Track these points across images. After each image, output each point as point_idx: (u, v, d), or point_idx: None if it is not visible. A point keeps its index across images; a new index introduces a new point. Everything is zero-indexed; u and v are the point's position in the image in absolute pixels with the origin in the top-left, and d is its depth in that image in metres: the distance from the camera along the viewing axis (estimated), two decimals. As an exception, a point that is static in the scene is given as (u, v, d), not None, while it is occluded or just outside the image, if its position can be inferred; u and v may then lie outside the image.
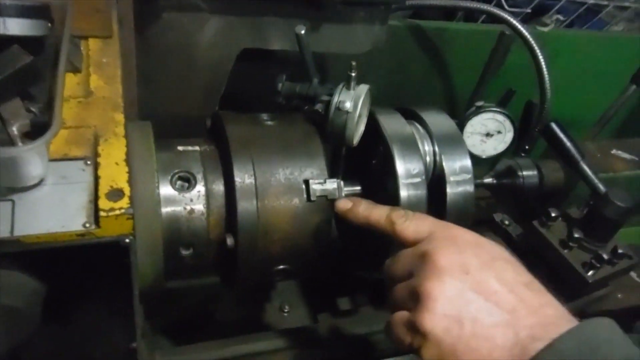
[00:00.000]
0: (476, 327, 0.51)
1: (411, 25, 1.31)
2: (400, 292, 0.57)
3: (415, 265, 0.56)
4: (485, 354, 0.50)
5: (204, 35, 0.91)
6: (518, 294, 0.52)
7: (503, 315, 0.51)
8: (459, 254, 0.55)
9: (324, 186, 0.73)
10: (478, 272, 0.54)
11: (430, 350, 0.52)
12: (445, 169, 0.80)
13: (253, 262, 0.72)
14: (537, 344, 0.48)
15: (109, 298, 0.61)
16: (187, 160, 0.73)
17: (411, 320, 0.53)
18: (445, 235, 0.58)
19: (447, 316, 0.52)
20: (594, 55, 1.51)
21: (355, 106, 0.73)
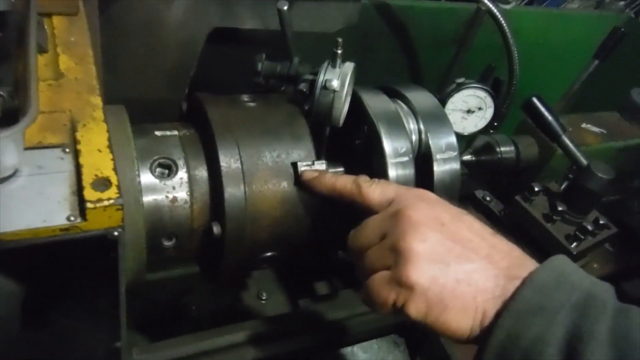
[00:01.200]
0: (459, 273, 0.53)
1: (379, 3, 1.29)
2: (376, 254, 0.57)
3: (388, 226, 0.57)
4: (470, 298, 0.52)
5: (171, 13, 0.86)
6: (489, 241, 0.55)
7: (481, 261, 0.53)
8: (430, 208, 0.57)
9: (313, 168, 0.70)
10: (451, 223, 0.56)
11: (416, 302, 0.52)
12: (431, 147, 0.78)
13: (240, 250, 0.69)
14: (515, 282, 0.51)
15: (92, 296, 0.56)
16: (166, 145, 0.68)
17: (395, 277, 0.53)
18: (411, 194, 0.60)
19: (431, 265, 0.53)
20: (554, 33, 1.54)
21: (342, 85, 0.71)
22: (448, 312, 0.52)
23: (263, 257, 0.73)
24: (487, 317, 0.52)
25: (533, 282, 0.50)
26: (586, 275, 0.52)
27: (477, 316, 0.52)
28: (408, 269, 0.52)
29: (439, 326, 0.53)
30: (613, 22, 1.64)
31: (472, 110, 0.92)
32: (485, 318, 0.52)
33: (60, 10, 0.62)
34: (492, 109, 0.92)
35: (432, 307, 0.52)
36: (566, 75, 1.38)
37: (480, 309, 0.52)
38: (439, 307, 0.52)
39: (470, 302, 0.52)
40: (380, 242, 0.57)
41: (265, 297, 1.07)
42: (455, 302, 0.52)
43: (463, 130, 0.93)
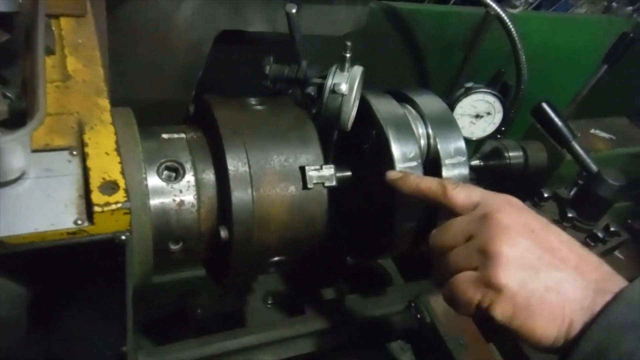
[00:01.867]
0: (548, 281, 0.52)
1: (385, 7, 1.29)
2: (462, 255, 0.57)
3: (476, 228, 0.57)
4: (558, 307, 0.52)
5: (180, 15, 0.86)
6: (578, 252, 0.55)
7: (570, 271, 0.53)
8: (520, 214, 0.57)
9: (321, 172, 0.70)
10: (541, 231, 0.55)
11: (503, 305, 0.53)
12: (440, 151, 0.78)
13: (248, 254, 0.68)
14: (604, 296, 0.50)
15: (99, 299, 0.56)
16: (173, 148, 0.68)
17: (483, 277, 0.53)
18: (499, 199, 0.60)
19: (521, 270, 0.53)
20: (562, 37, 1.53)
21: (351, 88, 0.70)
22: (535, 318, 0.52)
23: (271, 262, 0.72)
24: (574, 327, 0.51)
25: (626, 298, 0.50)
26: None
27: (564, 326, 0.52)
28: (498, 271, 0.53)
29: (524, 332, 0.53)
30: (621, 27, 1.63)
31: (481, 115, 0.92)
32: (571, 328, 0.52)
33: (68, 12, 0.62)
34: (501, 114, 0.92)
35: (519, 311, 0.52)
36: (574, 80, 1.37)
37: (568, 319, 0.52)
38: (526, 313, 0.52)
39: (558, 310, 0.52)
40: (466, 243, 0.57)
41: (272, 301, 1.07)
42: (542, 309, 0.52)
43: (471, 135, 0.92)
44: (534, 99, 1.40)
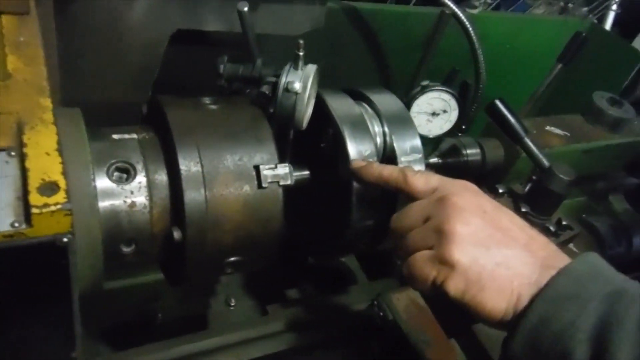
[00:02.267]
0: (498, 257, 0.56)
1: (346, 7, 1.30)
2: (419, 235, 0.60)
3: (433, 210, 0.60)
4: (507, 281, 0.55)
5: (133, 15, 0.84)
6: (527, 232, 0.59)
7: (519, 248, 0.57)
8: (474, 197, 0.61)
9: (276, 171, 0.69)
10: (493, 212, 0.60)
11: (456, 280, 0.56)
12: (396, 149, 0.78)
13: (202, 255, 0.67)
14: (550, 270, 0.54)
15: (45, 305, 0.54)
16: (124, 149, 0.66)
17: (437, 255, 0.57)
18: (456, 184, 0.64)
19: (473, 247, 0.56)
20: (520, 37, 1.56)
21: (304, 87, 0.70)
22: (485, 292, 0.55)
23: (228, 262, 0.71)
24: (522, 301, 0.55)
25: (569, 272, 0.54)
26: (617, 273, 0.55)
27: (512, 299, 0.55)
28: (451, 248, 0.56)
29: (475, 305, 0.56)
30: (577, 27, 1.68)
31: (437, 113, 0.93)
32: (520, 301, 0.55)
33: (9, 10, 0.60)
34: (457, 112, 0.93)
35: (471, 286, 0.56)
36: (533, 78, 1.40)
37: (516, 292, 0.55)
38: (477, 287, 0.55)
39: (507, 284, 0.55)
40: (424, 224, 0.60)
41: (234, 303, 1.06)
42: (492, 283, 0.55)
43: (429, 132, 0.93)
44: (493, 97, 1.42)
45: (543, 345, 0.52)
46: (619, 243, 1.07)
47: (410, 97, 0.91)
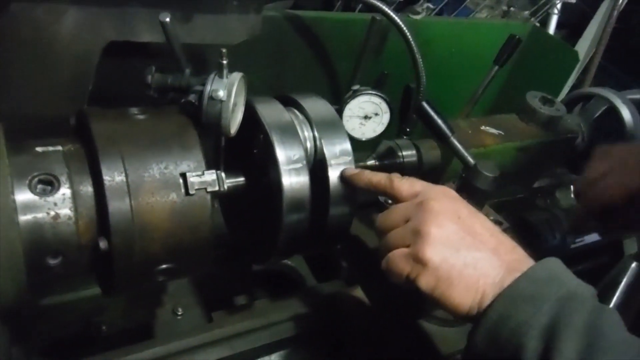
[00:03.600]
0: (467, 258, 0.63)
1: (289, 16, 1.32)
2: (399, 234, 0.68)
3: (413, 213, 0.68)
4: (473, 280, 0.62)
5: (62, 27, 0.84)
6: (497, 237, 0.66)
7: (487, 252, 0.64)
8: (451, 203, 0.68)
9: (203, 178, 0.70)
10: (467, 218, 0.67)
11: (427, 276, 0.63)
12: (325, 153, 0.80)
13: (131, 264, 0.68)
14: (514, 273, 0.61)
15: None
16: (48, 161, 0.66)
17: (412, 253, 0.65)
18: (436, 189, 0.71)
19: (444, 248, 0.63)
20: (462, 40, 1.61)
21: (228, 94, 0.71)
22: (453, 288, 0.62)
23: (158, 270, 0.72)
24: (486, 299, 0.61)
25: (528, 276, 0.61)
26: (574, 277, 0.63)
27: (477, 296, 0.62)
28: (424, 248, 0.63)
29: (443, 300, 0.63)
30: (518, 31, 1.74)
31: (369, 116, 0.95)
32: (483, 299, 0.62)
33: None
34: (389, 114, 0.95)
35: (440, 282, 0.63)
36: (475, 81, 1.44)
37: (481, 291, 0.62)
38: (446, 283, 0.63)
39: (473, 283, 0.62)
40: (404, 225, 0.68)
41: (181, 312, 1.06)
42: (460, 281, 0.62)
43: (362, 135, 0.95)
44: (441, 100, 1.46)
45: (500, 339, 0.59)
46: (554, 237, 1.11)
47: (343, 102, 0.93)
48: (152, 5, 0.86)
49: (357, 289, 1.06)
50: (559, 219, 1.13)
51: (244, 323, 0.99)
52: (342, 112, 0.93)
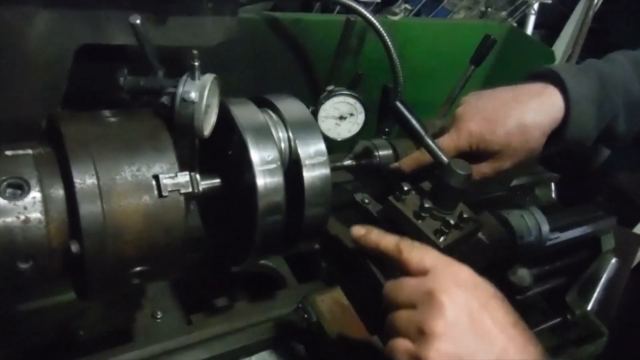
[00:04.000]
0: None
1: (268, 18, 1.32)
2: (404, 322, 0.64)
3: (420, 300, 0.63)
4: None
5: (33, 30, 0.83)
6: (508, 333, 0.62)
7: (495, 354, 0.60)
8: (463, 295, 0.63)
9: (176, 180, 0.70)
10: (478, 313, 0.62)
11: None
12: (300, 153, 0.81)
13: (104, 267, 0.67)
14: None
15: None
16: (17, 165, 0.66)
17: (416, 354, 0.61)
18: (447, 277, 0.65)
19: (449, 354, 0.59)
20: (440, 41, 1.63)
21: (201, 96, 0.72)
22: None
23: (133, 272, 0.72)
24: None
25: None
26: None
27: None
28: (428, 353, 0.60)
29: None
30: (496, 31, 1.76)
31: (345, 117, 0.96)
32: None
33: None
34: (364, 115, 0.96)
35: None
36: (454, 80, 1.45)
37: None
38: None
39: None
40: (410, 311, 0.64)
41: (161, 315, 1.05)
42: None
43: (338, 136, 0.96)
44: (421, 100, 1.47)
45: None
46: (529, 234, 1.13)
47: (318, 102, 0.93)
48: (124, 8, 0.86)
49: (336, 289, 1.06)
50: (534, 216, 1.15)
51: (223, 325, 0.99)
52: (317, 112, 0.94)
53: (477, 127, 0.89)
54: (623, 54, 0.93)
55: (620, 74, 0.89)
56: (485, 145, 0.89)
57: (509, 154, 0.90)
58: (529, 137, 0.89)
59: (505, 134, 0.88)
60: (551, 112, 0.89)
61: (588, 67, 0.92)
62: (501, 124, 0.88)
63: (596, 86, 0.89)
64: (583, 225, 1.52)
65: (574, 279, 1.67)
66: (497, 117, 0.89)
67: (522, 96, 0.91)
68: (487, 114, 0.90)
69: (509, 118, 0.88)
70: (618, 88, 0.89)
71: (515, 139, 0.89)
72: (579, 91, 0.88)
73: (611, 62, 0.92)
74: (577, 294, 1.72)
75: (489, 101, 0.91)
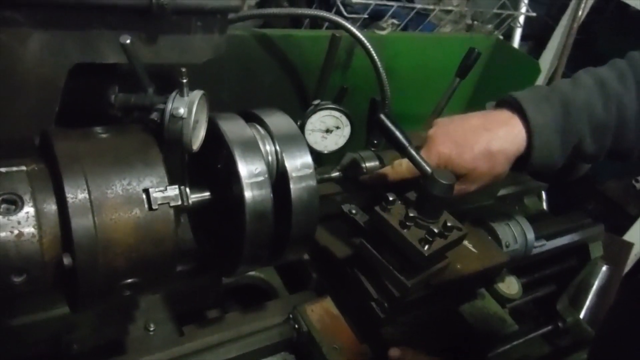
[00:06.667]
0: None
1: (257, 34, 1.35)
2: None
3: None
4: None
5: (26, 50, 0.86)
6: None
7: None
8: None
9: (165, 193, 0.72)
10: None
11: None
12: (287, 166, 0.83)
13: (95, 279, 0.69)
14: None
15: None
16: (11, 181, 0.68)
17: None
18: None
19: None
20: (427, 54, 1.66)
21: (189, 112, 0.74)
22: None
23: (123, 284, 0.73)
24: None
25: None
26: None
27: None
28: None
29: None
30: (482, 44, 1.80)
31: (331, 130, 0.98)
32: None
33: None
34: (349, 127, 0.99)
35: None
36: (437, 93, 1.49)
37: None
38: None
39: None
40: None
41: (153, 327, 1.06)
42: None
43: (324, 148, 0.98)
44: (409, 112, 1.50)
45: None
46: (515, 241, 1.15)
47: (305, 116, 0.96)
48: (115, 27, 0.89)
49: (326, 299, 1.08)
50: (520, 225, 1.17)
51: (215, 336, 1.00)
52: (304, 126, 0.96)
53: (447, 150, 0.93)
54: (590, 73, 0.94)
55: (584, 98, 0.90)
56: (452, 168, 0.92)
57: (475, 177, 0.93)
58: (495, 163, 0.92)
59: (472, 159, 0.91)
60: (515, 141, 0.92)
61: (553, 92, 0.93)
62: (469, 149, 0.91)
63: (559, 113, 0.91)
64: (571, 232, 1.55)
65: (564, 287, 1.69)
66: (465, 142, 0.92)
67: (490, 124, 0.94)
68: (456, 138, 0.93)
69: (476, 144, 0.92)
70: (582, 113, 0.90)
71: (482, 164, 0.92)
72: (541, 121, 0.90)
73: (577, 84, 0.93)
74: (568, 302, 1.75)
75: (459, 126, 0.95)
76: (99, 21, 0.89)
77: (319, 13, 1.28)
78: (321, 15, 1.27)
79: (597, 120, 0.90)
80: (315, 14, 1.29)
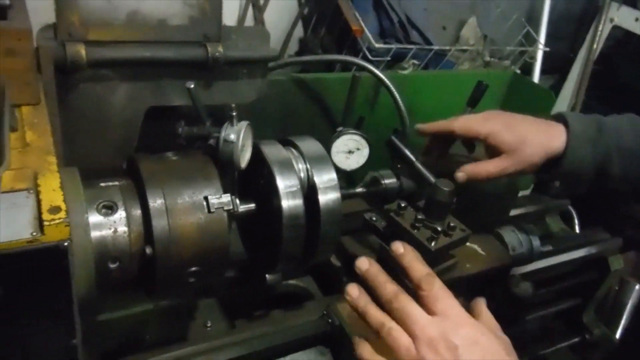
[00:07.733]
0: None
1: (294, 78, 1.59)
2: None
3: None
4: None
5: (115, 98, 1.12)
6: None
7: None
8: None
9: (220, 200, 0.94)
10: None
11: None
12: (315, 180, 1.03)
13: (169, 266, 0.91)
14: None
15: (49, 299, 0.75)
16: (109, 192, 0.92)
17: None
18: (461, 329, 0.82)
19: None
20: (446, 90, 1.85)
21: (238, 137, 0.96)
22: None
23: (189, 271, 0.94)
24: None
25: None
26: None
27: None
28: None
29: None
30: (500, 78, 1.98)
31: (352, 151, 1.18)
32: None
33: (26, 102, 0.88)
34: (368, 149, 1.19)
35: None
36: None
37: None
38: None
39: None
40: None
41: (210, 324, 1.26)
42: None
43: (348, 167, 1.18)
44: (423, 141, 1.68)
45: None
46: (521, 245, 1.29)
47: (331, 140, 1.17)
48: (182, 77, 1.14)
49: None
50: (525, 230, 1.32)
51: (262, 328, 1.19)
52: (330, 148, 1.17)
53: (498, 126, 1.10)
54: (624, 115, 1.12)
55: (615, 123, 1.08)
56: (496, 142, 1.08)
57: (514, 159, 1.08)
58: (533, 151, 1.08)
59: (516, 140, 1.07)
60: (555, 140, 1.08)
61: (589, 114, 1.12)
62: (517, 131, 1.08)
63: (594, 127, 1.08)
64: (587, 246, 1.66)
65: (588, 299, 1.78)
66: (515, 125, 1.10)
67: (537, 122, 1.12)
68: (508, 121, 1.11)
69: (523, 130, 1.09)
70: (612, 133, 1.07)
71: (523, 147, 1.07)
72: (579, 128, 1.08)
73: (610, 115, 1.11)
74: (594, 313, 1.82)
75: (511, 115, 1.13)
76: (168, 73, 1.14)
77: (346, 58, 1.51)
78: (348, 60, 1.50)
79: (625, 145, 1.05)
80: (343, 59, 1.52)
